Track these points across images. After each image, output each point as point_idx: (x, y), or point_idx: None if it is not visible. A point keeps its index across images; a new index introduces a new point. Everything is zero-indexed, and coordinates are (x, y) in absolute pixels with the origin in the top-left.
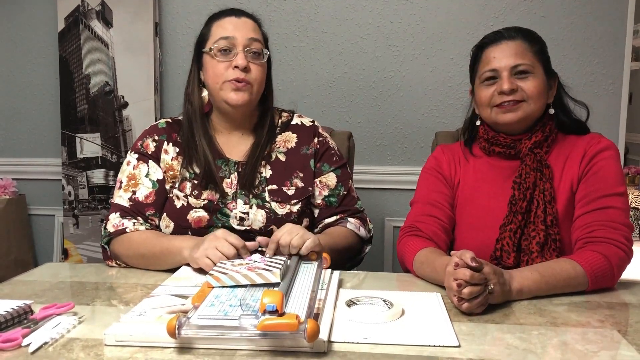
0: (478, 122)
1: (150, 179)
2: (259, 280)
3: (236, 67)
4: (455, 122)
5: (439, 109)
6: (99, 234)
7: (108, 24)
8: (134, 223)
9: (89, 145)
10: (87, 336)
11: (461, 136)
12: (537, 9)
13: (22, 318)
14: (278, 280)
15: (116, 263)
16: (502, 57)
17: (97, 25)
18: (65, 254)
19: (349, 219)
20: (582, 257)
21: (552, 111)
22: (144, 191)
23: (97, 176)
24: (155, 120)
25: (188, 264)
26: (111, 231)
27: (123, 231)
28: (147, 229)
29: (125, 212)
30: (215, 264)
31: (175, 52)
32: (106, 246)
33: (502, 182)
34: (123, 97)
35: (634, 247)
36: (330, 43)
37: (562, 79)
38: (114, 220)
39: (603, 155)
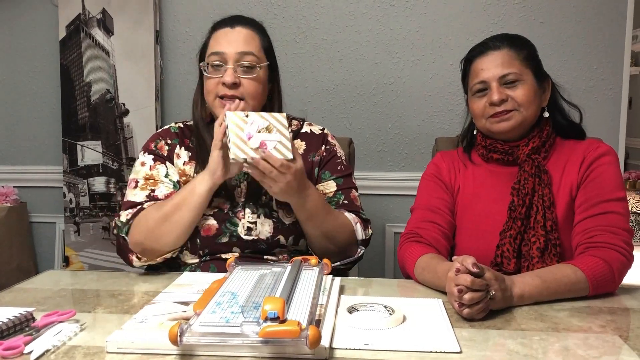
0: (475, 131)
1: (170, 180)
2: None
3: (224, 83)
4: (455, 128)
5: (439, 115)
6: (100, 241)
7: (109, 31)
8: (149, 204)
9: (90, 153)
10: (89, 343)
11: (459, 143)
12: (536, 15)
13: (23, 326)
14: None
15: (137, 257)
16: (489, 68)
17: (98, 33)
18: (66, 262)
19: (350, 212)
20: (583, 262)
21: (547, 114)
22: (164, 190)
23: (98, 183)
24: (157, 128)
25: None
26: (128, 218)
27: (140, 210)
28: None
29: (139, 209)
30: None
31: (176, 60)
32: (126, 236)
33: (501, 188)
34: (124, 104)
35: (635, 252)
36: (330, 50)
37: (562, 84)
38: (126, 211)
39: (602, 161)
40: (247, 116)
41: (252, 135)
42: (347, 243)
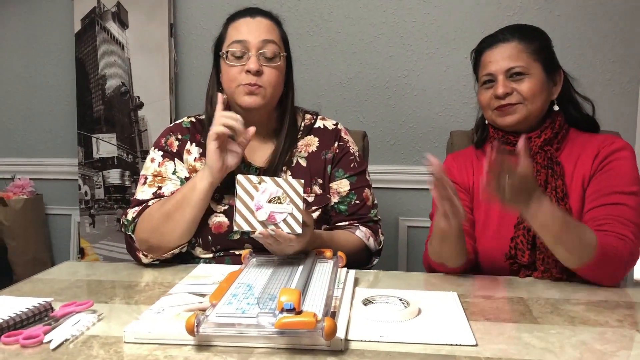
0: (487, 122)
1: (177, 177)
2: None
3: (248, 71)
4: (470, 121)
5: (454, 108)
6: (114, 233)
7: (123, 25)
8: (153, 202)
9: (105, 146)
10: (107, 333)
11: (474, 135)
12: (552, 7)
13: (42, 315)
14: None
15: (143, 254)
16: (497, 60)
17: (113, 27)
18: (81, 253)
19: (360, 227)
20: (598, 233)
21: (556, 108)
22: (170, 187)
23: (113, 176)
24: (171, 121)
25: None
26: (134, 216)
27: (145, 207)
28: None
29: (144, 207)
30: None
31: (190, 53)
32: (132, 234)
33: None
34: (138, 97)
35: None
36: (344, 43)
37: (578, 77)
38: (133, 209)
39: (617, 155)
40: (259, 183)
41: (262, 206)
42: (360, 259)
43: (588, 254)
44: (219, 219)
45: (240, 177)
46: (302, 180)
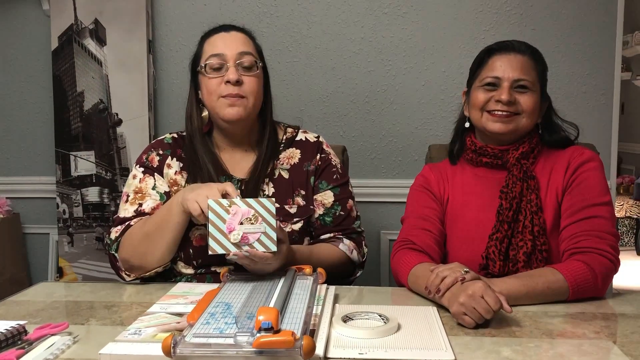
0: (467, 125)
1: (157, 192)
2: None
3: (228, 82)
4: (448, 135)
5: (432, 122)
6: (93, 252)
7: (101, 42)
8: (135, 222)
9: (83, 163)
10: (82, 356)
11: (451, 137)
12: (527, 22)
13: (16, 339)
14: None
15: (125, 274)
16: (507, 67)
17: (91, 44)
18: (60, 273)
19: (344, 240)
20: (564, 265)
21: (539, 130)
22: (150, 203)
23: (92, 194)
24: (150, 138)
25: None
26: (117, 235)
27: (127, 227)
28: None
29: (127, 226)
30: (202, 211)
31: (169, 69)
32: (115, 253)
33: (489, 193)
34: (117, 114)
35: (628, 255)
36: (323, 58)
37: (554, 90)
38: (116, 228)
39: (587, 167)
40: (230, 206)
41: (234, 228)
42: (343, 272)
43: (563, 291)
44: (200, 231)
45: (211, 202)
46: (274, 199)
